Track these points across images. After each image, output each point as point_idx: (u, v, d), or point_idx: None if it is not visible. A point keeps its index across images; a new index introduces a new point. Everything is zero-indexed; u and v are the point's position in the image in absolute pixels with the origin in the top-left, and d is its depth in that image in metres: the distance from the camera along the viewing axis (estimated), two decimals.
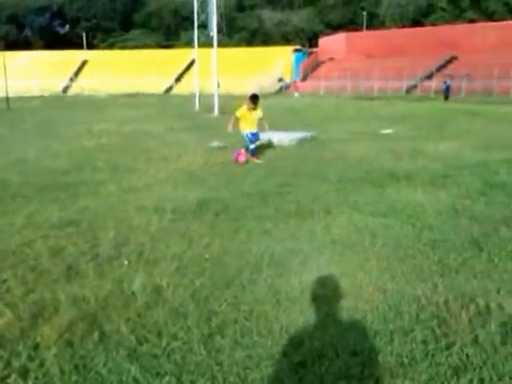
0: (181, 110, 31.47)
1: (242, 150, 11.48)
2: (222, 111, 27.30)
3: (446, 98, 42.96)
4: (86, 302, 4.30)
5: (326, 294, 4.46)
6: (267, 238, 5.99)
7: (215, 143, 13.74)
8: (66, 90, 71.26)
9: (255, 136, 11.99)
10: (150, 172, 10.10)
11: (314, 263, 5.16)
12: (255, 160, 11.52)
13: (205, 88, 40.11)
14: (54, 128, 20.33)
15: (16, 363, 3.39)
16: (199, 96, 33.24)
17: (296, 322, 3.97)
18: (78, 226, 6.48)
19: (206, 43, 33.52)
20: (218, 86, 30.27)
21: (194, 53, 35.50)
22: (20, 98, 48.49)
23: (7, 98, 36.74)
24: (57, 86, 69.57)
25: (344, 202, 7.56)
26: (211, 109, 28.68)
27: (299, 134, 15.58)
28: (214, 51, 28.89)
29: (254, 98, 11.73)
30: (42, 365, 3.40)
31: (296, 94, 54.81)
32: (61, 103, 42.74)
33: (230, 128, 11.72)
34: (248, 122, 11.77)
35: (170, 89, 68.25)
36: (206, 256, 5.43)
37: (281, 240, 5.92)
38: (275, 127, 17.90)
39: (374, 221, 6.58)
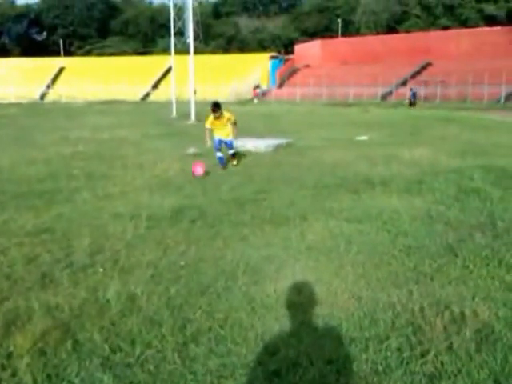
0: (157, 117, 31.38)
1: (198, 162, 10.92)
2: (198, 118, 27.24)
3: (412, 104, 43.80)
4: (60, 311, 4.25)
5: (301, 302, 4.47)
6: (243, 245, 5.99)
7: (191, 150, 13.70)
8: (43, 97, 70.77)
9: (228, 144, 11.72)
10: (126, 179, 10.03)
11: (290, 270, 5.17)
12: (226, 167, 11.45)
13: (182, 95, 40.03)
14: (30, 135, 20.07)
15: None
16: (176, 103, 33.17)
17: (271, 330, 3.97)
18: (52, 233, 6.41)
19: (183, 50, 33.53)
20: (195, 92, 30.26)
21: (171, 60, 35.46)
22: None
23: None
24: (34, 93, 69.14)
25: (319, 208, 7.59)
26: (188, 115, 28.63)
27: (276, 141, 15.63)
28: (191, 58, 28.86)
29: (214, 107, 11.36)
30: (14, 374, 3.35)
31: (255, 101, 55.45)
32: (38, 110, 42.25)
33: (208, 142, 11.55)
34: (218, 129, 11.58)
35: (147, 95, 68.02)
36: (182, 263, 5.41)
37: (257, 247, 5.92)
38: (251, 134, 17.99)
39: (350, 227, 6.62)
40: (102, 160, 12.75)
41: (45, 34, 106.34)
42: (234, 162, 11.92)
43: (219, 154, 11.50)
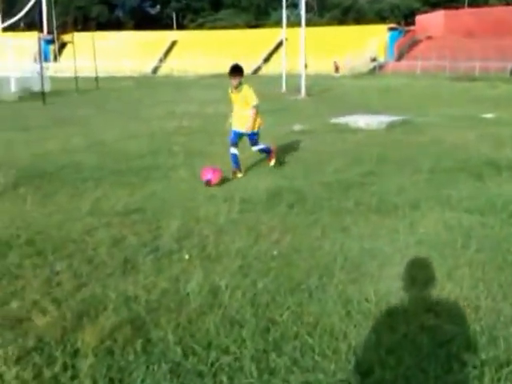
0: (266, 92, 30.89)
1: (209, 167, 7.76)
2: (308, 93, 26.55)
3: None
4: (137, 303, 3.91)
5: (405, 308, 3.82)
6: (343, 236, 5.39)
7: (297, 127, 13.12)
8: (155, 70, 72.50)
9: (249, 138, 8.46)
10: (224, 157, 9.67)
11: (395, 268, 4.52)
12: (235, 175, 8.15)
13: (293, 69, 39.33)
14: (137, 109, 20.48)
15: (48, 373, 3.03)
16: (286, 77, 32.57)
17: (367, 342, 3.38)
18: (143, 213, 6.17)
19: (296, 22, 32.81)
20: (306, 66, 29.50)
21: (283, 32, 34.86)
22: (110, 79, 49.61)
23: (96, 78, 37.74)
24: (147, 67, 70.92)
25: (434, 195, 6.78)
26: (298, 90, 27.94)
27: (390, 118, 14.68)
28: (302, 30, 28.08)
29: (231, 71, 7.99)
30: (74, 377, 3.03)
31: (337, 75, 52.93)
32: (149, 84, 43.46)
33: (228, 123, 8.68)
34: (236, 109, 8.33)
35: (258, 69, 67.85)
36: (274, 253, 4.93)
37: (358, 238, 5.30)
38: (364, 110, 17.13)
39: (469, 219, 5.80)
40: (203, 136, 12.52)
41: (158, 7, 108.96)
42: (271, 163, 8.82)
43: (233, 151, 8.26)
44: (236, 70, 7.93)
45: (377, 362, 3.16)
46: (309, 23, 28.71)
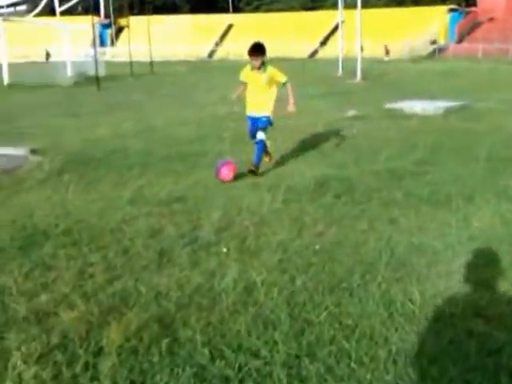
0: (322, 75, 30.48)
1: (224, 161, 7.12)
2: (364, 76, 25.89)
3: None
4: (168, 299, 3.75)
5: (452, 312, 3.52)
6: (391, 229, 5.10)
7: (351, 112, 12.72)
8: (211, 54, 72.44)
9: (260, 122, 7.33)
10: (274, 143, 9.44)
11: (444, 266, 4.22)
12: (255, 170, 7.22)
13: (350, 52, 38.51)
14: (190, 94, 20.44)
15: (67, 373, 2.91)
16: (343, 60, 31.88)
17: (409, 350, 3.12)
18: (184, 202, 6.04)
19: (353, 4, 32.03)
20: (362, 49, 28.79)
21: (339, 15, 34.14)
22: (165, 63, 49.69)
23: (151, 63, 37.96)
24: (202, 51, 70.91)
25: (491, 186, 6.37)
26: (354, 74, 27.28)
27: (448, 103, 14.08)
28: (358, 12, 27.35)
29: (252, 50, 7.12)
30: (94, 378, 2.90)
31: (386, 58, 51.03)
32: (204, 68, 43.50)
33: (233, 95, 7.89)
34: (252, 92, 7.41)
35: (314, 53, 66.90)
36: (316, 247, 4.70)
37: (407, 232, 5.01)
38: (422, 95, 16.51)
39: None
40: None
41: None
42: (267, 159, 7.77)
43: (261, 136, 7.38)
44: (258, 49, 7.10)
45: (418, 372, 2.90)
46: (366, 5, 28.05)
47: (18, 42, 60.94)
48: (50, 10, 52.85)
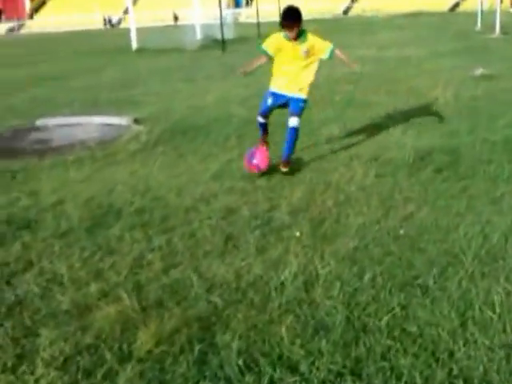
0: (458, 30, 27.93)
1: (255, 149, 5.91)
2: (504, 30, 23.32)
3: None
4: (219, 294, 3.43)
5: None
6: (491, 210, 4.41)
7: (479, 71, 11.31)
8: (346, 11, 69.92)
9: (293, 106, 5.84)
10: (382, 109, 8.61)
11: None
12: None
13: (494, 5, 34.83)
14: None
15: (83, 382, 2.69)
16: (484, 14, 28.93)
17: (472, 369, 2.55)
18: (270, 177, 5.66)
19: None
20: (501, 1, 25.92)
21: None
22: None
23: (258, 24, 35.86)
24: (337, 8, 68.61)
25: None
26: (493, 27, 24.69)
27: None
28: None
29: (285, 17, 5.54)
30: None
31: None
32: (336, 27, 41.82)
33: (241, 69, 6.39)
34: (285, 67, 5.81)
35: (456, 6, 62.03)
36: (401, 232, 4.15)
37: (509, 215, 4.28)
38: None
39: None
40: (370, 83, 11.48)
41: None
42: (284, 169, 5.73)
43: (261, 120, 6.19)
44: (292, 17, 5.52)
45: None
46: None
47: (145, 6, 63.22)
48: None
